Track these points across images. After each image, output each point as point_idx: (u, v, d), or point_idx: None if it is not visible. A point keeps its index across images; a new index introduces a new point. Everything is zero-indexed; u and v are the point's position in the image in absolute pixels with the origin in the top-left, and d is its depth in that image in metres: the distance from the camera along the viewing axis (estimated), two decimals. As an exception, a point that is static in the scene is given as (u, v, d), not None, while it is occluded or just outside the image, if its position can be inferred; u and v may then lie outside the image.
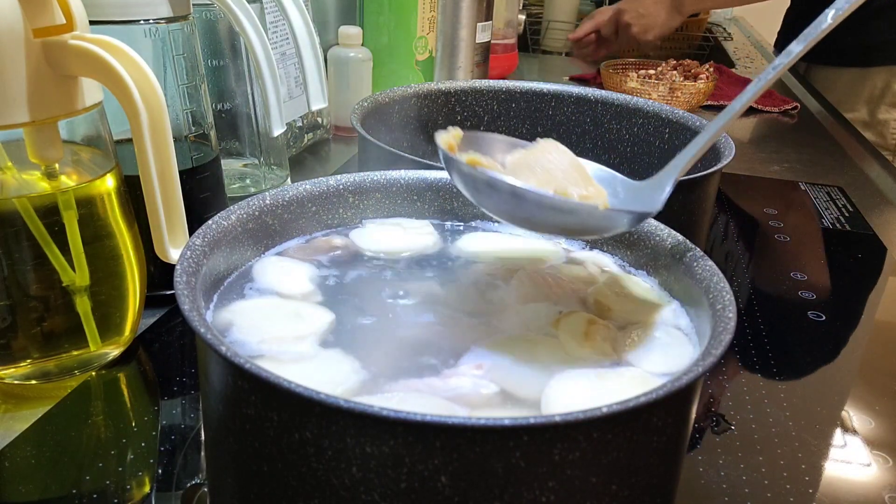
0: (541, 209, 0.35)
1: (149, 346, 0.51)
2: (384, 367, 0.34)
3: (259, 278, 0.40)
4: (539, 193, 0.35)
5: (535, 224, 0.37)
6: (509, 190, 0.35)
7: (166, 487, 0.40)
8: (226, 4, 0.53)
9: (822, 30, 0.36)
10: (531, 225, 0.37)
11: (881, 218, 0.85)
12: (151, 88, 0.41)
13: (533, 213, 0.35)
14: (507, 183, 0.35)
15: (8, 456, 0.41)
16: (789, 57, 0.36)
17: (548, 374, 0.33)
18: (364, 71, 0.97)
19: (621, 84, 1.20)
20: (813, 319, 0.61)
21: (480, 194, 0.37)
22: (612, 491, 0.28)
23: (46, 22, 0.39)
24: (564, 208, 0.35)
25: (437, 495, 0.26)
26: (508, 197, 0.35)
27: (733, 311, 0.32)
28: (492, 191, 0.36)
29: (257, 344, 0.34)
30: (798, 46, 0.36)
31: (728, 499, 0.41)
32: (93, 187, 0.45)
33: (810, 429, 0.48)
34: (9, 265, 0.43)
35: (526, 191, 0.35)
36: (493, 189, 0.35)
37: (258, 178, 0.76)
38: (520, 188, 0.35)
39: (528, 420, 0.25)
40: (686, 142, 0.67)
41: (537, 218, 0.36)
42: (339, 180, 0.45)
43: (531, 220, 0.36)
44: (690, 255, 0.38)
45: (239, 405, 0.28)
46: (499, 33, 1.31)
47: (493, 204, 0.37)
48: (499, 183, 0.35)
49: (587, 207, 0.35)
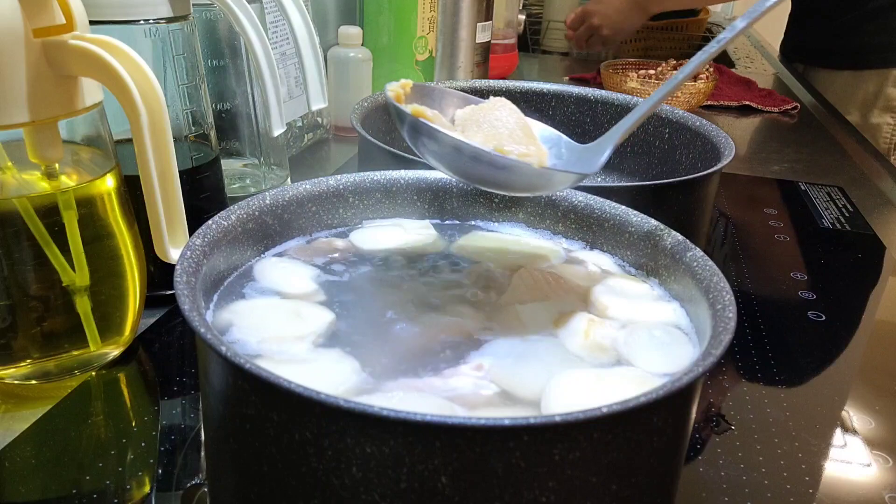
0: (478, 163, 0.37)
1: (149, 346, 0.51)
2: (384, 367, 0.34)
3: (259, 278, 0.40)
4: (476, 148, 0.36)
5: (472, 177, 0.39)
6: (449, 143, 0.37)
7: (166, 487, 0.40)
8: (226, 4, 0.53)
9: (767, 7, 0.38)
10: (469, 178, 0.39)
11: (881, 218, 0.85)
12: (151, 88, 0.41)
13: (470, 166, 0.37)
14: (447, 135, 0.37)
15: (8, 456, 0.41)
16: (733, 32, 0.39)
17: (548, 373, 0.33)
18: (364, 71, 0.97)
19: (621, 84, 1.20)
20: (813, 319, 0.61)
21: (423, 146, 0.38)
22: (612, 491, 0.28)
23: (46, 22, 0.39)
24: (500, 164, 0.37)
25: (437, 495, 0.26)
26: (448, 149, 0.37)
27: (733, 311, 0.32)
28: (432, 142, 0.37)
29: (257, 344, 0.34)
30: (742, 22, 0.38)
31: (728, 499, 0.41)
32: (93, 187, 0.45)
33: (810, 429, 0.48)
34: (9, 265, 0.43)
35: (464, 144, 0.36)
36: (434, 140, 0.37)
37: (258, 178, 0.76)
38: (458, 141, 0.36)
39: (528, 420, 0.25)
40: (686, 142, 0.67)
41: (474, 171, 0.38)
42: (339, 180, 0.45)
43: (469, 172, 0.38)
44: (690, 255, 0.38)
45: (239, 405, 0.28)
46: (499, 33, 1.31)
47: (433, 155, 0.38)
48: (439, 135, 0.37)
49: (521, 165, 0.36)
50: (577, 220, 0.45)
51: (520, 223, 0.46)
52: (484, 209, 0.47)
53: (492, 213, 0.47)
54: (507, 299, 0.40)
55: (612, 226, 0.43)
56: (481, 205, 0.47)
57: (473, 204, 0.47)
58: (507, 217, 0.46)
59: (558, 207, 0.45)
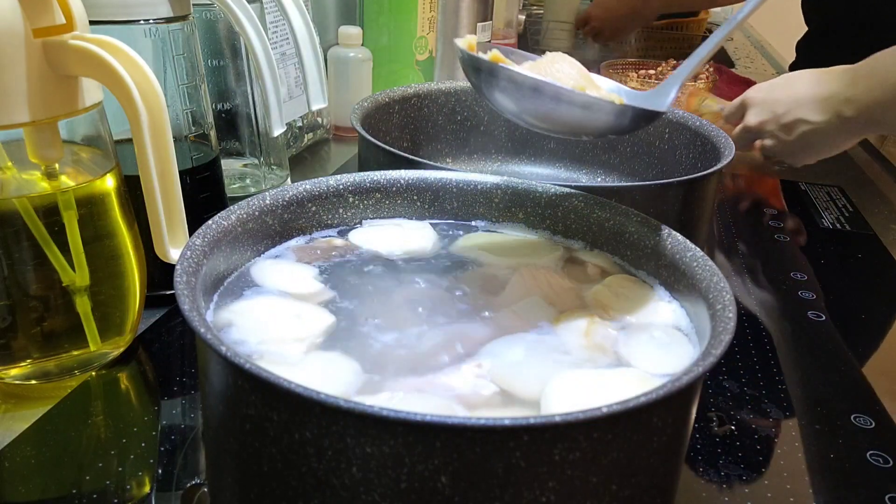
0: (559, 103, 0.36)
1: (149, 346, 0.51)
2: (384, 367, 0.34)
3: (259, 279, 0.40)
4: (558, 86, 0.36)
5: (553, 121, 0.38)
6: (531, 84, 0.36)
7: (166, 487, 0.40)
8: (226, 4, 0.53)
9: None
10: (550, 122, 0.38)
11: (881, 218, 0.85)
12: (151, 88, 0.41)
13: (551, 108, 0.36)
14: (529, 76, 0.36)
15: (8, 456, 0.41)
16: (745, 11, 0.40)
17: (548, 374, 0.33)
18: (364, 71, 0.97)
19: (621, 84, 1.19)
20: (813, 319, 0.61)
21: (501, 92, 0.37)
22: (612, 491, 0.28)
23: (46, 22, 0.39)
24: (581, 102, 0.36)
25: (437, 495, 0.26)
26: (528, 92, 0.36)
27: (733, 311, 0.32)
28: (512, 86, 0.36)
29: (257, 344, 0.34)
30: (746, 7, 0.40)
31: (728, 499, 0.41)
32: (93, 187, 0.45)
33: (810, 429, 0.48)
34: (9, 265, 0.43)
35: (546, 83, 0.35)
36: (514, 84, 0.36)
37: (258, 178, 0.76)
38: (540, 81, 0.35)
39: (528, 420, 0.25)
40: (686, 142, 0.67)
41: (555, 114, 0.37)
42: (339, 180, 0.45)
43: (550, 116, 0.37)
44: (690, 255, 0.38)
45: (239, 405, 0.28)
46: (499, 33, 1.31)
47: (512, 102, 0.37)
48: (519, 77, 0.36)
49: (602, 102, 0.36)
50: (577, 220, 0.45)
51: (520, 223, 0.46)
52: (484, 209, 0.47)
53: (492, 213, 0.47)
54: (507, 299, 0.40)
55: (612, 226, 0.43)
56: (481, 205, 0.47)
57: (473, 204, 0.47)
58: (507, 217, 0.46)
59: (558, 208, 0.45)
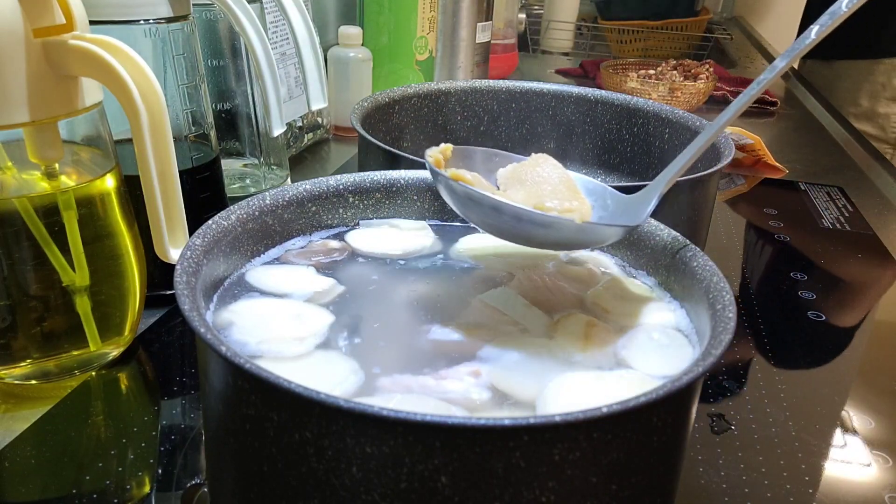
0: (520, 222, 0.36)
1: (149, 346, 0.51)
2: (383, 368, 0.33)
3: (259, 279, 0.40)
4: (515, 207, 0.36)
5: (517, 237, 0.38)
6: (489, 203, 0.36)
7: (166, 487, 0.40)
8: (226, 4, 0.53)
9: (806, 45, 0.37)
10: (514, 237, 0.39)
11: (881, 218, 0.85)
12: (151, 88, 0.41)
13: (513, 226, 0.37)
14: (486, 196, 0.36)
15: (8, 456, 0.41)
16: (773, 72, 0.37)
17: (547, 376, 0.33)
18: (364, 71, 0.97)
19: (621, 84, 1.20)
20: (813, 319, 0.61)
21: (465, 207, 0.38)
22: (612, 491, 0.28)
23: (46, 22, 0.39)
24: (540, 221, 0.36)
25: (437, 495, 0.26)
26: (489, 210, 0.37)
27: (733, 311, 0.32)
28: (474, 204, 0.37)
29: (257, 344, 0.34)
30: (782, 62, 0.37)
31: (728, 499, 0.41)
32: (93, 187, 0.45)
33: (810, 429, 0.48)
34: (9, 265, 0.43)
35: (503, 204, 0.36)
36: (475, 202, 0.37)
37: (258, 178, 0.76)
38: (497, 201, 0.36)
39: (528, 420, 0.25)
40: (686, 142, 0.67)
41: (517, 230, 0.37)
42: (339, 180, 0.45)
43: (512, 232, 0.38)
44: (690, 255, 0.38)
45: (239, 405, 0.28)
46: (499, 33, 1.31)
47: (476, 217, 0.38)
48: (477, 196, 0.37)
49: (562, 221, 0.36)
50: (577, 220, 0.45)
51: (520, 223, 0.46)
52: (484, 209, 0.47)
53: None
54: (507, 299, 0.40)
55: (611, 226, 0.43)
56: (481, 205, 0.47)
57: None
58: (506, 217, 0.46)
59: (558, 207, 0.45)
